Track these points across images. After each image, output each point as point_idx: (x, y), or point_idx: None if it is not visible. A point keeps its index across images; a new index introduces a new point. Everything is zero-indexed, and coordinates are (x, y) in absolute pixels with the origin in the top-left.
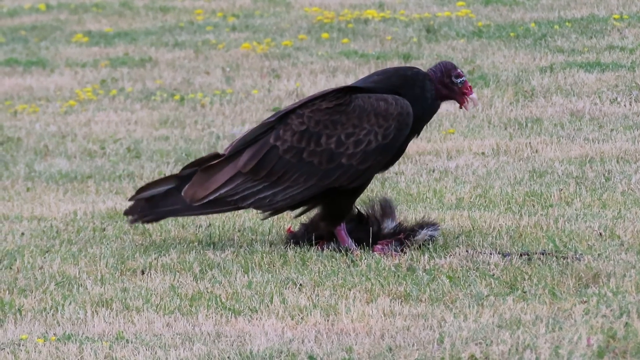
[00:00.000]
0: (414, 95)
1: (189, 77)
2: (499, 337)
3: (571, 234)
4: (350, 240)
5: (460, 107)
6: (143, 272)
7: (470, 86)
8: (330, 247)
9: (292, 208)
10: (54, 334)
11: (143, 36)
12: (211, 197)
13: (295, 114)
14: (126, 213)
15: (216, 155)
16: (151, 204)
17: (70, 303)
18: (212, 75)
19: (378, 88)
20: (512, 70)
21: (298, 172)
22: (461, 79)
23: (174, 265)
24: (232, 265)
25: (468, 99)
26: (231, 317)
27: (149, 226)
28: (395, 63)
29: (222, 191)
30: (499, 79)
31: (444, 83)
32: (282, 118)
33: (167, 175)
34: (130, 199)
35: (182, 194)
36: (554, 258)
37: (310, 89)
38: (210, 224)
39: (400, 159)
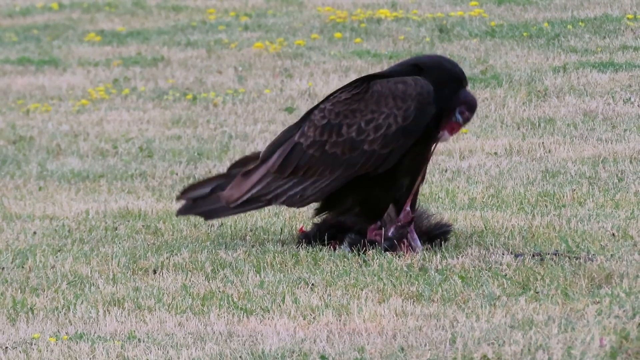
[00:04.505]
0: (434, 82)
1: (201, 76)
2: (511, 337)
3: (584, 235)
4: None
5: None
6: (155, 272)
7: (456, 129)
8: (342, 247)
9: (325, 200)
10: (66, 333)
11: (155, 35)
12: (244, 198)
13: (318, 109)
14: (178, 213)
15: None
16: (195, 205)
17: (82, 302)
18: (225, 74)
19: (397, 72)
20: (525, 70)
21: (323, 164)
22: (458, 118)
23: (185, 265)
24: (244, 265)
25: (445, 132)
26: (243, 317)
27: (160, 225)
28: None
29: (254, 191)
30: (511, 78)
31: (454, 101)
32: (308, 116)
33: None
34: (177, 199)
35: (221, 198)
36: (567, 258)
37: (323, 89)
38: (222, 224)
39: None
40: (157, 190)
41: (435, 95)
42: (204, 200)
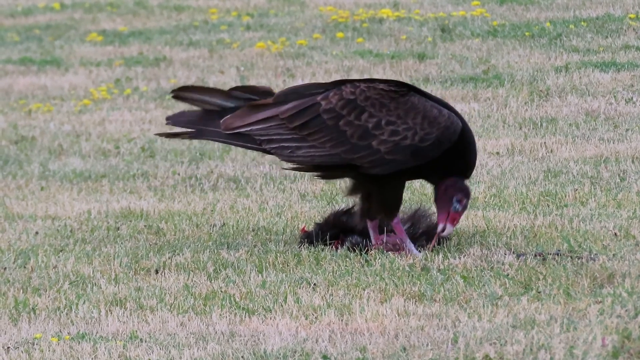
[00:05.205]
0: (453, 146)
1: (203, 76)
2: (513, 337)
3: (586, 234)
4: (405, 235)
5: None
6: (157, 272)
7: (456, 220)
8: (344, 247)
9: (307, 169)
10: (68, 333)
11: (157, 35)
12: (242, 130)
13: (351, 84)
14: (169, 120)
15: (269, 92)
16: (190, 117)
17: (84, 302)
18: (227, 74)
19: (439, 102)
20: (527, 70)
21: (328, 136)
22: (457, 207)
23: (187, 265)
24: (246, 265)
25: (445, 225)
26: (245, 317)
27: (162, 225)
28: (410, 62)
29: (255, 127)
30: (513, 78)
31: (447, 189)
32: (339, 83)
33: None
34: (175, 96)
35: (221, 122)
36: (569, 258)
37: None
38: (224, 224)
39: None
40: (159, 190)
41: (447, 148)
42: (199, 117)
